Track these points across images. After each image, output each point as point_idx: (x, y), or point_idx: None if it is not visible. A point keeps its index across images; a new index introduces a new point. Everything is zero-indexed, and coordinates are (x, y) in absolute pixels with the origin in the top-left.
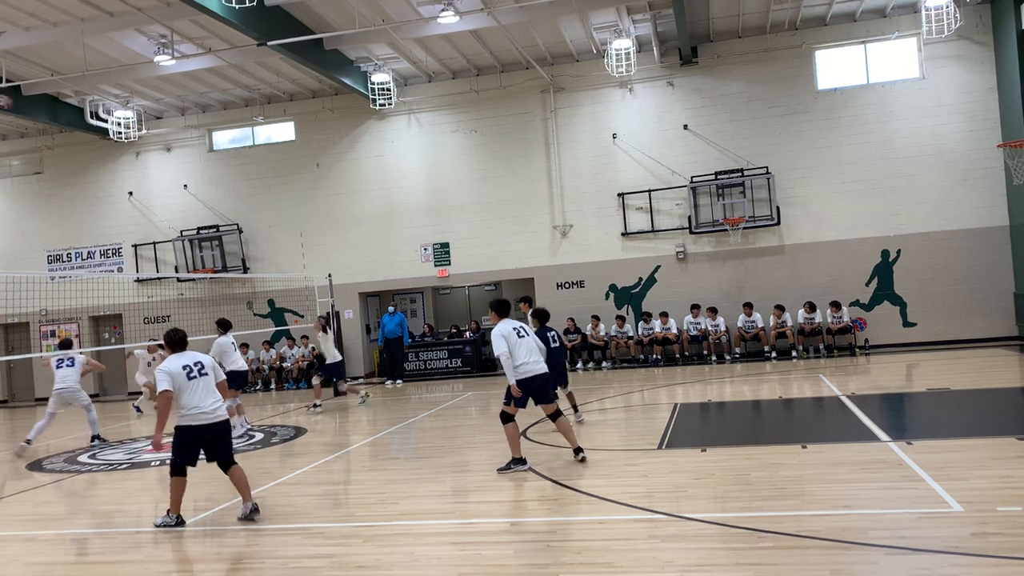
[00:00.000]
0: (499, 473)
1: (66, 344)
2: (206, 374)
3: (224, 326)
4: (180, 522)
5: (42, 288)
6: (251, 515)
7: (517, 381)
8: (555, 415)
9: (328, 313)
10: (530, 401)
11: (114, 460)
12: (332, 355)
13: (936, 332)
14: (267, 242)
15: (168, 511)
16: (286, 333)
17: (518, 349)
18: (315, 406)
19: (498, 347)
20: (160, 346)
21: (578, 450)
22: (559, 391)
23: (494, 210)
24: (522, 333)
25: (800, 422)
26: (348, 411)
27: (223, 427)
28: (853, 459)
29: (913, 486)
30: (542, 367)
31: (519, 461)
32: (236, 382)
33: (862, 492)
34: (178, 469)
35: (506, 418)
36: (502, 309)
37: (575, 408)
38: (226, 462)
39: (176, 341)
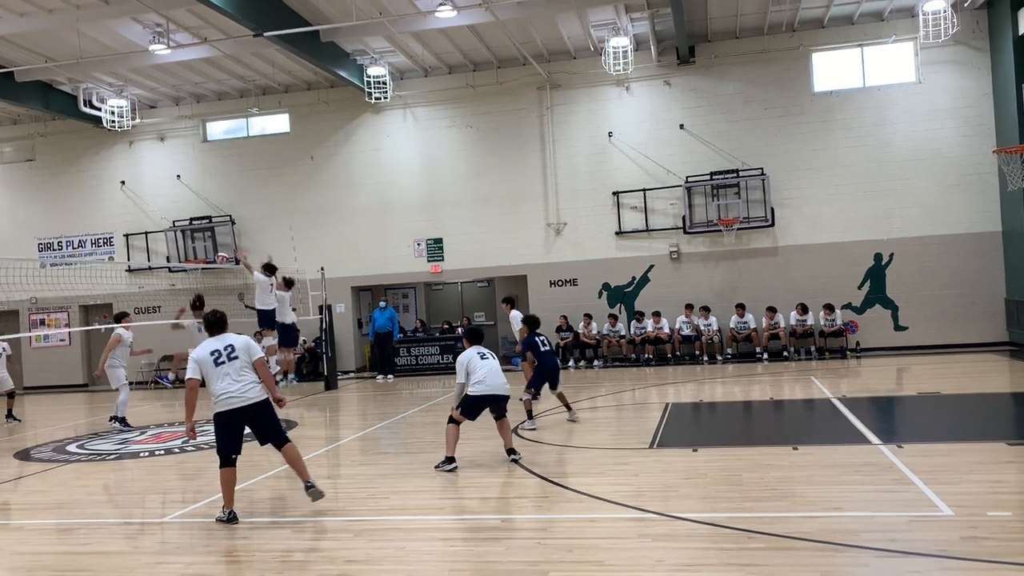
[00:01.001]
0: (435, 470)
1: (115, 319)
2: (236, 357)
3: (270, 270)
4: (231, 518)
5: (32, 276)
6: (307, 492)
7: (469, 396)
8: (498, 417)
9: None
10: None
11: (103, 450)
12: (288, 316)
13: (927, 336)
14: (259, 234)
15: (223, 507)
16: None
17: (478, 370)
18: (285, 376)
19: (458, 375)
20: (194, 308)
21: (511, 451)
22: (549, 390)
23: (488, 206)
24: (485, 356)
25: (791, 423)
26: (339, 405)
27: (260, 407)
28: (844, 461)
29: (904, 489)
30: (500, 389)
31: (450, 460)
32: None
33: (853, 494)
34: (222, 460)
35: (452, 420)
36: (473, 337)
37: (568, 407)
38: (276, 441)
39: (213, 323)
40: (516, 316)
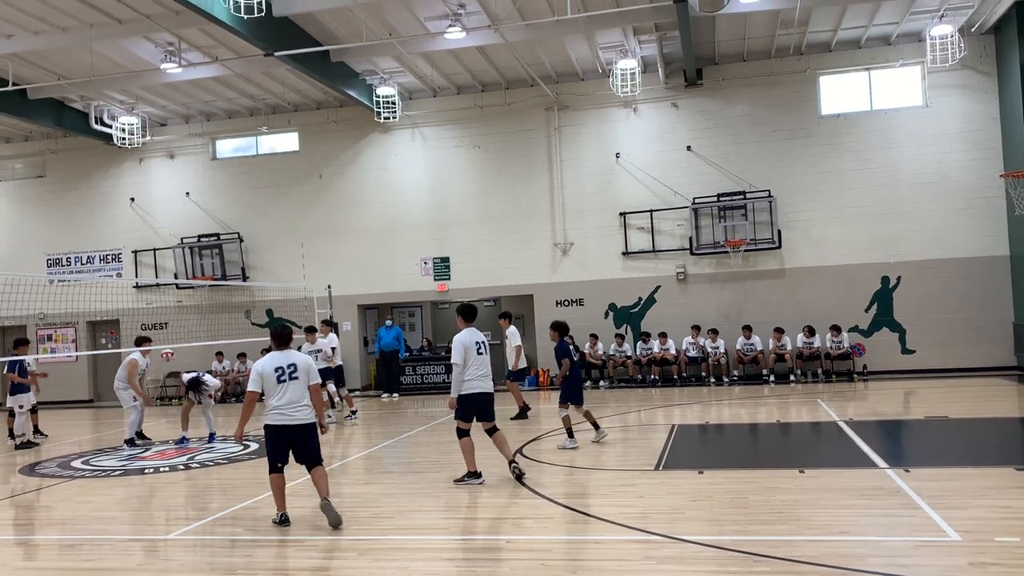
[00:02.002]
0: (456, 484)
1: (136, 342)
2: (296, 377)
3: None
4: (283, 520)
5: (41, 291)
6: (320, 506)
7: (461, 396)
8: (492, 431)
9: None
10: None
11: (107, 466)
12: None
13: (935, 360)
14: (267, 251)
15: (277, 511)
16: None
17: (470, 367)
18: (352, 414)
19: (455, 355)
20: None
21: (512, 462)
22: (574, 409)
23: (495, 226)
24: (481, 350)
25: (798, 446)
26: (343, 424)
27: (304, 431)
28: (850, 485)
29: (911, 514)
30: (488, 386)
31: (474, 475)
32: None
33: (859, 518)
34: (270, 467)
35: (460, 433)
36: (469, 315)
37: (595, 426)
38: (309, 464)
39: (281, 337)
40: (514, 333)
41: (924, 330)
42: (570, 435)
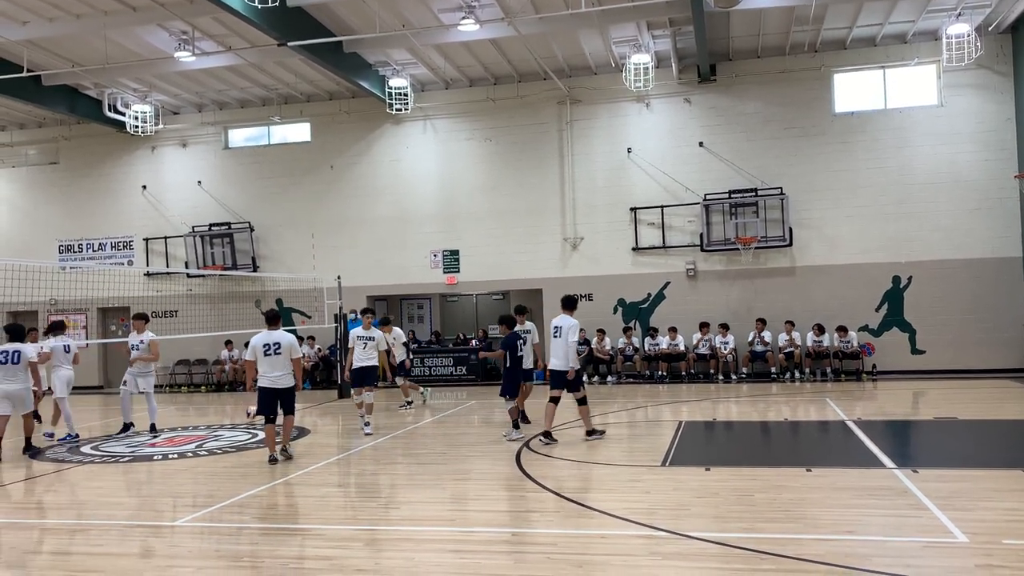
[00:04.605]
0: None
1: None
2: (279, 353)
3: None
4: (272, 460)
5: (52, 278)
6: (283, 452)
7: None
8: (555, 400)
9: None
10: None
11: (116, 452)
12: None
13: (945, 361)
14: (278, 241)
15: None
16: (293, 333)
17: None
18: (407, 403)
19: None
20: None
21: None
22: (510, 402)
23: (505, 219)
24: (556, 334)
25: (805, 445)
26: (351, 414)
27: (285, 392)
28: (858, 484)
29: (918, 514)
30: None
31: (547, 434)
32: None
33: (866, 518)
34: (264, 419)
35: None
36: (567, 304)
37: (516, 425)
38: (286, 413)
39: (269, 319)
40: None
41: (934, 330)
42: (515, 426)
